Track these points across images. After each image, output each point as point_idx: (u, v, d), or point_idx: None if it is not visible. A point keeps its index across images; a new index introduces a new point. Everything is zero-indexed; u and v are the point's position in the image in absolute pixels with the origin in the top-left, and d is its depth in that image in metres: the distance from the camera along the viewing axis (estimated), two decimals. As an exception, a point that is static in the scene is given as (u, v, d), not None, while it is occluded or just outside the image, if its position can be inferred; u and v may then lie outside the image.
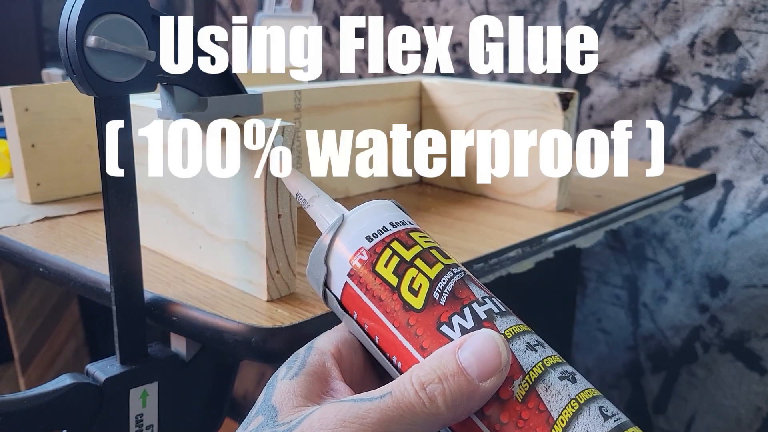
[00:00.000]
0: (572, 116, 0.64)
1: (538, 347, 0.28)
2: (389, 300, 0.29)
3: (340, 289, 0.31)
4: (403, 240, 0.31)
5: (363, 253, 0.30)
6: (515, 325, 0.29)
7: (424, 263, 0.30)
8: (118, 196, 0.41)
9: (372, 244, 0.30)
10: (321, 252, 0.31)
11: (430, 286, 0.29)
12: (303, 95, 0.64)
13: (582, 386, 0.27)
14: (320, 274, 0.31)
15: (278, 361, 0.42)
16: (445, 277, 0.29)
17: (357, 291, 0.30)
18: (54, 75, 1.06)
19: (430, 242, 0.31)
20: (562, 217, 0.64)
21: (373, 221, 0.31)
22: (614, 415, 0.26)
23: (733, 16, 0.83)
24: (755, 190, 0.85)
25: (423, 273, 0.29)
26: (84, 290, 0.50)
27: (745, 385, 0.90)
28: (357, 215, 0.32)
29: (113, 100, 0.40)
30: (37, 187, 0.67)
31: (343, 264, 0.31)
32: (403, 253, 0.30)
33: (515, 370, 0.27)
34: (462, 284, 0.30)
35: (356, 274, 0.30)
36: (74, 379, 0.43)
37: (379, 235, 0.31)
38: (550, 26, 1.00)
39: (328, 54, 1.33)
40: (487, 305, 0.29)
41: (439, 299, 0.29)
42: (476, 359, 0.26)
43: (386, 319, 0.29)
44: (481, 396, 0.26)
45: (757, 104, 0.84)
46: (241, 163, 0.44)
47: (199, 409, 0.50)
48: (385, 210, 0.32)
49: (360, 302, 0.30)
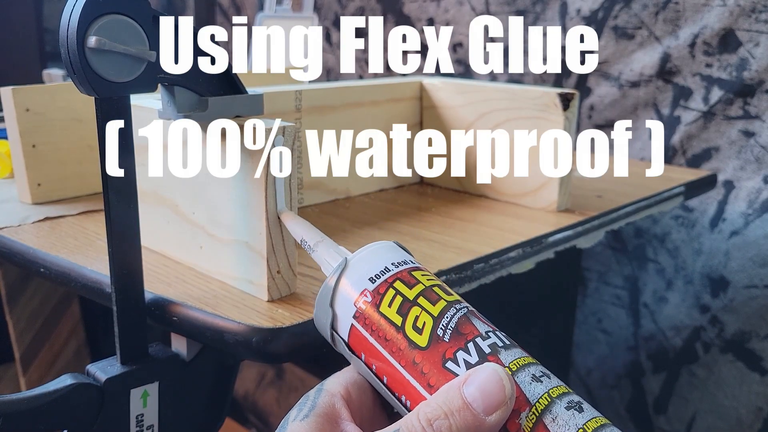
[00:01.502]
0: (573, 116, 0.64)
1: (544, 378, 0.28)
2: (395, 339, 0.30)
3: (346, 332, 0.31)
4: (406, 279, 0.31)
5: (367, 295, 0.31)
6: (520, 358, 0.29)
7: (427, 301, 0.30)
8: (119, 196, 0.42)
9: (375, 285, 0.31)
10: (326, 296, 0.32)
11: (434, 324, 0.29)
12: (303, 95, 0.64)
13: (589, 415, 0.27)
14: (327, 317, 0.32)
15: (279, 361, 0.42)
16: (449, 314, 0.30)
17: (363, 332, 0.31)
18: (55, 75, 1.07)
19: (433, 280, 0.32)
20: (562, 217, 0.64)
21: (376, 262, 0.32)
22: None
23: (733, 17, 0.83)
24: (756, 190, 0.85)
25: (426, 311, 0.30)
26: (85, 290, 0.50)
27: (746, 385, 0.90)
28: (359, 258, 0.33)
29: (114, 101, 0.40)
30: (37, 188, 0.67)
31: (349, 306, 0.31)
32: (406, 292, 0.30)
33: (522, 403, 0.27)
34: (465, 320, 0.30)
35: (361, 315, 0.31)
36: (75, 379, 0.43)
37: (382, 275, 0.31)
38: (551, 26, 1.00)
39: (329, 54, 1.33)
40: (491, 339, 0.29)
41: (443, 336, 0.29)
42: (481, 393, 0.26)
43: (393, 358, 0.30)
44: (487, 430, 0.26)
45: (758, 104, 0.84)
46: (242, 164, 0.44)
47: (199, 409, 0.50)
48: (387, 251, 0.33)
49: (366, 343, 0.31)
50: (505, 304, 0.75)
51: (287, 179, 0.43)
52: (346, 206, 0.67)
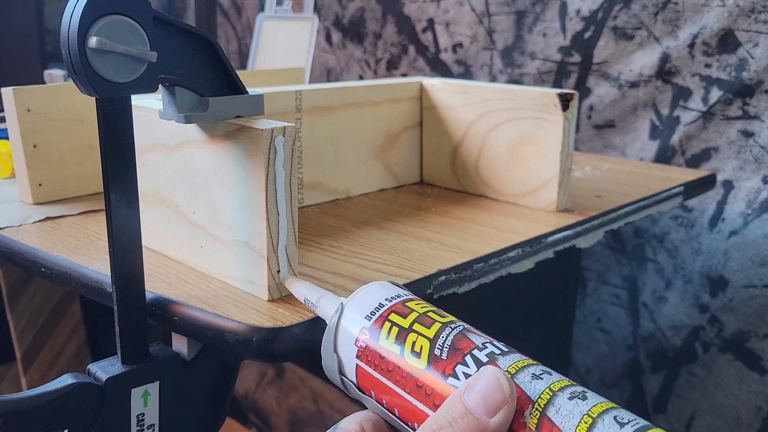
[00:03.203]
0: (572, 117, 0.64)
1: (545, 375, 0.29)
2: (396, 368, 0.31)
3: (354, 373, 0.32)
4: (400, 311, 0.32)
5: (365, 332, 0.32)
6: (519, 361, 0.29)
7: (422, 326, 0.31)
8: (120, 196, 0.42)
9: (372, 322, 0.32)
10: (329, 343, 0.33)
11: (431, 345, 0.30)
12: (304, 96, 0.64)
13: (594, 401, 0.27)
14: (333, 364, 0.33)
15: (279, 360, 0.43)
16: (444, 334, 0.31)
17: (367, 369, 0.32)
18: (56, 76, 1.07)
19: (427, 307, 0.33)
20: (562, 217, 0.64)
21: (370, 301, 0.33)
22: (631, 422, 0.27)
23: (733, 17, 0.84)
24: (755, 190, 0.85)
25: (422, 335, 0.31)
26: (86, 290, 0.51)
27: (745, 384, 0.90)
28: (354, 300, 0.34)
29: (115, 101, 0.40)
30: (38, 188, 0.67)
31: (351, 348, 0.32)
32: (401, 322, 0.31)
33: (524, 402, 0.28)
34: (461, 336, 0.31)
35: (363, 353, 0.32)
36: (76, 378, 0.43)
37: (377, 311, 0.32)
38: (550, 27, 1.01)
39: (329, 55, 1.33)
40: (488, 349, 0.30)
41: (441, 354, 0.30)
42: (482, 397, 0.27)
43: (397, 387, 0.30)
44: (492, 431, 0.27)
45: (757, 105, 0.84)
46: (242, 164, 0.44)
47: (200, 409, 0.50)
48: (379, 289, 0.34)
49: (373, 379, 0.32)
50: (504, 304, 0.75)
51: (287, 179, 0.43)
52: (346, 206, 0.67)
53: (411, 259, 0.52)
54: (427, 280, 0.49)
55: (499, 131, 0.68)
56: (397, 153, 0.74)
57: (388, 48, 1.23)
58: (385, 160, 0.73)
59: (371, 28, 1.25)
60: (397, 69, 1.23)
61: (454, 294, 0.51)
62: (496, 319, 0.71)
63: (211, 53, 0.44)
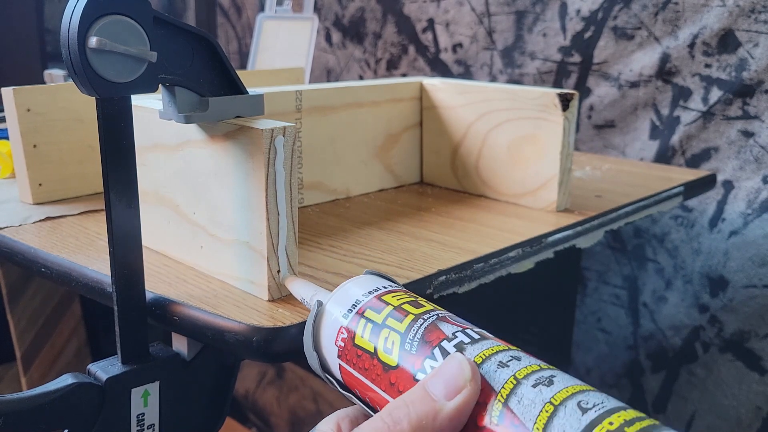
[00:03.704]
0: (572, 117, 0.64)
1: (512, 362, 0.28)
2: (371, 367, 0.30)
3: (337, 371, 0.32)
4: (375, 306, 0.32)
5: (343, 332, 0.32)
6: (487, 349, 0.29)
7: (394, 320, 0.31)
8: (120, 196, 0.42)
9: (348, 321, 0.32)
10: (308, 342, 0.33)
11: (401, 340, 0.30)
12: (304, 96, 0.64)
13: (560, 386, 0.26)
14: (315, 362, 0.33)
15: (279, 360, 0.43)
16: (415, 327, 0.30)
17: (348, 368, 0.31)
18: (56, 76, 1.07)
19: (404, 298, 0.32)
20: (562, 217, 0.64)
21: (347, 299, 0.33)
22: (595, 406, 0.25)
23: (733, 17, 0.84)
24: (755, 190, 0.85)
25: (394, 330, 0.30)
26: (86, 290, 0.51)
27: (745, 384, 0.90)
28: (333, 299, 0.33)
29: (115, 101, 0.40)
30: (38, 188, 0.67)
31: (332, 347, 0.32)
32: (375, 318, 0.31)
33: (488, 393, 0.27)
34: (432, 327, 0.30)
35: (343, 353, 0.32)
36: (76, 378, 0.43)
37: (354, 309, 0.32)
38: (551, 27, 1.01)
39: (329, 55, 1.33)
40: (457, 339, 0.29)
41: (411, 349, 0.29)
42: (442, 381, 0.27)
43: (374, 385, 0.30)
44: (448, 415, 0.26)
45: (757, 105, 0.84)
46: (242, 164, 0.44)
47: (200, 409, 0.50)
48: (359, 284, 0.34)
49: (353, 378, 0.31)
50: (504, 304, 0.75)
51: (287, 179, 0.43)
52: (346, 206, 0.67)
53: (411, 259, 0.52)
54: (427, 280, 0.49)
55: (499, 131, 0.68)
56: (397, 153, 0.74)
57: (388, 48, 1.23)
58: (385, 160, 0.73)
59: (371, 28, 1.25)
60: (397, 69, 1.23)
61: (454, 294, 0.51)
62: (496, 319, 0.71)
63: (211, 53, 0.44)
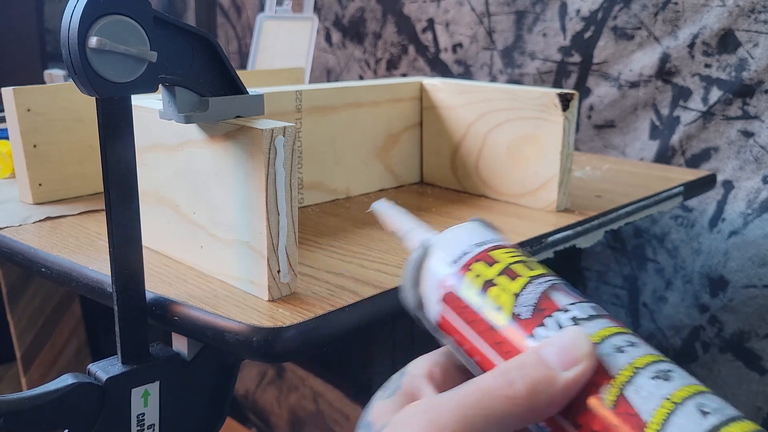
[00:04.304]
0: (572, 117, 0.64)
1: (629, 348, 0.27)
2: (477, 321, 0.29)
3: (435, 315, 0.31)
4: (486, 260, 0.31)
5: (450, 278, 0.31)
6: (604, 329, 0.28)
7: (507, 279, 0.30)
8: (120, 196, 0.42)
9: (456, 268, 0.31)
10: (410, 279, 0.32)
11: (513, 302, 0.29)
12: (304, 96, 0.64)
13: (679, 383, 0.26)
14: (412, 300, 0.32)
15: (279, 360, 0.43)
16: (527, 290, 0.29)
17: (449, 315, 0.30)
18: (56, 76, 1.07)
19: (516, 257, 0.31)
20: (562, 217, 0.64)
21: (455, 246, 0.32)
22: (715, 411, 0.24)
23: (732, 17, 0.84)
24: (755, 190, 0.85)
25: (505, 289, 0.29)
26: (86, 290, 0.51)
27: (745, 384, 0.90)
28: (441, 241, 0.32)
29: (115, 101, 0.40)
30: (39, 188, 0.67)
31: (433, 290, 0.31)
32: (485, 272, 0.30)
33: (601, 376, 0.26)
34: (545, 295, 0.29)
35: (446, 298, 0.31)
36: (76, 378, 0.43)
37: (463, 258, 0.31)
38: (550, 27, 1.01)
39: (329, 55, 1.33)
40: (570, 312, 0.28)
41: (521, 314, 0.28)
42: (557, 350, 0.26)
43: (477, 339, 0.29)
44: (563, 386, 0.26)
45: (757, 105, 0.84)
46: (243, 164, 0.44)
47: (200, 409, 0.50)
48: (468, 232, 0.32)
49: (454, 325, 0.30)
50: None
51: (287, 179, 0.43)
52: (346, 206, 0.67)
53: (411, 259, 0.52)
54: (427, 280, 0.49)
55: (499, 131, 0.68)
56: (397, 153, 0.74)
57: (388, 48, 1.23)
58: (385, 160, 0.73)
59: (371, 28, 1.25)
60: (397, 69, 1.23)
61: (454, 294, 0.51)
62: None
63: (211, 53, 0.44)
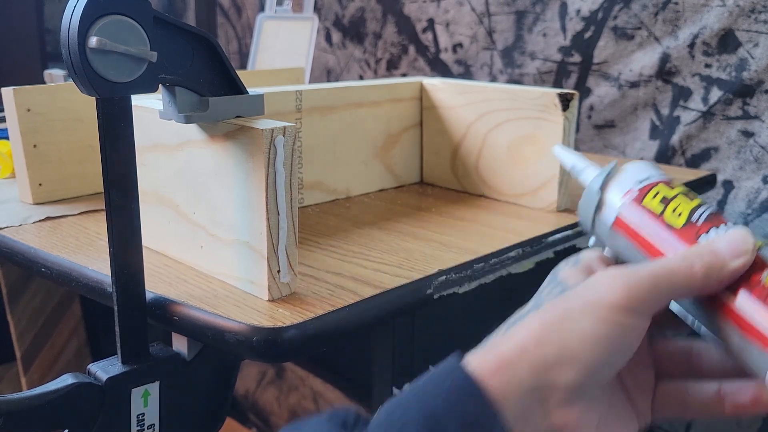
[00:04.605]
0: (572, 117, 0.64)
1: None
2: (654, 224, 0.36)
3: (612, 218, 0.38)
4: (667, 184, 0.38)
5: (634, 191, 0.37)
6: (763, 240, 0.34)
7: (685, 197, 0.37)
8: (120, 196, 0.42)
9: (641, 185, 0.37)
10: (597, 183, 0.38)
11: (691, 211, 0.36)
12: (304, 96, 0.64)
13: None
14: (592, 203, 0.38)
15: (279, 360, 0.43)
16: (702, 208, 0.36)
17: (627, 219, 0.37)
18: (56, 76, 1.07)
19: (686, 191, 0.38)
20: (562, 217, 0.64)
21: (641, 170, 0.38)
22: None
23: (733, 17, 0.84)
24: (755, 190, 0.85)
25: (685, 203, 0.36)
26: (86, 290, 0.51)
27: (746, 385, 0.90)
28: (626, 165, 0.39)
29: (115, 101, 0.40)
30: (39, 188, 0.67)
31: (617, 197, 0.38)
32: (666, 192, 0.37)
33: (761, 265, 0.32)
34: (717, 214, 0.36)
35: (627, 205, 0.37)
36: (76, 378, 0.43)
37: (647, 180, 0.38)
38: (551, 27, 1.01)
39: (329, 55, 1.33)
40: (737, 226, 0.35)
41: (697, 221, 0.35)
42: (727, 244, 0.32)
43: (652, 238, 0.36)
44: (731, 271, 0.32)
45: (757, 105, 0.84)
46: (243, 164, 0.44)
47: (200, 409, 0.50)
48: (649, 166, 0.39)
49: (630, 227, 0.37)
50: (504, 304, 0.75)
51: (287, 179, 0.43)
52: (346, 206, 0.67)
53: (411, 259, 0.52)
54: (428, 280, 0.49)
55: (499, 131, 0.68)
56: (397, 153, 0.74)
57: (388, 48, 1.23)
58: (385, 160, 0.73)
59: (371, 28, 1.25)
60: (397, 69, 1.23)
61: (455, 294, 0.51)
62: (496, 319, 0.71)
63: (211, 53, 0.44)
